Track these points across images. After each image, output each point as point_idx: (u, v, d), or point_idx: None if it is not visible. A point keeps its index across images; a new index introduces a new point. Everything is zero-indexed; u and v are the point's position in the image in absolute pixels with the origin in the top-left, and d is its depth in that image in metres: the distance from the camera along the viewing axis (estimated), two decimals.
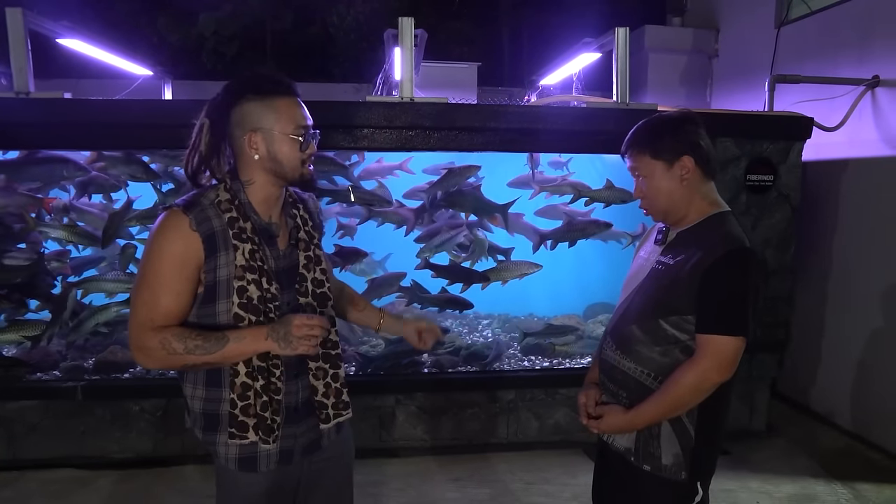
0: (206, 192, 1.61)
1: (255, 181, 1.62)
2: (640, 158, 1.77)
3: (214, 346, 1.52)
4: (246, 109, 1.58)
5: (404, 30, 3.48)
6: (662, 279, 1.74)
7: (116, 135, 3.43)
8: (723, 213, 1.78)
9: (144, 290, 1.54)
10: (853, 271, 4.18)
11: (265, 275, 1.60)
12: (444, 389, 3.90)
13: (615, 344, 1.83)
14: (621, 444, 1.81)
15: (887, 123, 4.00)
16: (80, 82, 5.98)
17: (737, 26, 5.90)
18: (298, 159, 1.62)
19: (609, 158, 4.65)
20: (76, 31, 4.17)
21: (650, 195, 1.78)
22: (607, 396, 1.86)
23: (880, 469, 3.68)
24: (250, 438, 1.59)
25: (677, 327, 1.70)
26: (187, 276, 1.55)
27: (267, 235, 1.65)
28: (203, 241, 1.54)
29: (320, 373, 1.71)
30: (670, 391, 1.67)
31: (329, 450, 1.78)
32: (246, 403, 1.58)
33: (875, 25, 4.10)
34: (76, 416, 3.63)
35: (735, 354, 1.64)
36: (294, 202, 1.77)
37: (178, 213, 1.55)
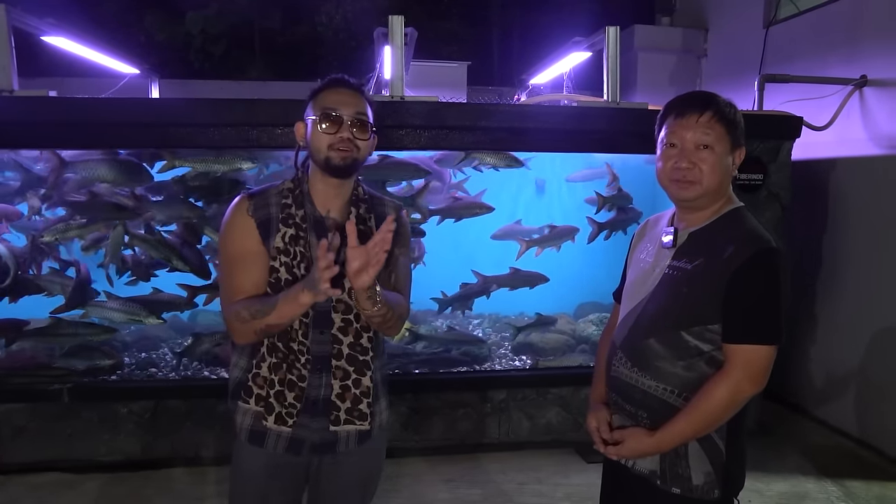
0: (281, 183, 1.74)
1: (312, 172, 1.72)
2: (714, 126, 1.56)
3: (269, 308, 1.57)
4: (307, 108, 1.72)
5: (394, 28, 3.46)
6: (680, 286, 1.59)
7: (103, 134, 3.38)
8: (738, 208, 1.64)
9: (223, 274, 1.71)
10: (842, 269, 4.21)
11: (304, 261, 1.65)
12: (434, 389, 3.88)
13: (630, 360, 1.67)
14: (644, 468, 1.66)
15: (875, 123, 4.03)
16: (65, 81, 5.91)
17: (725, 26, 5.93)
18: (322, 140, 1.63)
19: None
20: (61, 28, 4.12)
21: (706, 170, 1.56)
22: (623, 418, 1.71)
23: (870, 466, 3.70)
24: (252, 406, 1.67)
25: (700, 338, 1.57)
26: (251, 253, 1.65)
27: (319, 226, 1.68)
28: (257, 225, 1.66)
29: (339, 372, 1.68)
30: (701, 407, 1.53)
31: (345, 458, 1.75)
32: (257, 372, 1.67)
33: (862, 26, 4.13)
34: (63, 419, 3.58)
35: (768, 364, 1.53)
36: (358, 199, 1.75)
37: (243, 198, 1.70)
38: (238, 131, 3.34)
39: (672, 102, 1.66)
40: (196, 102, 3.47)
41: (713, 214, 1.63)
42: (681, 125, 1.59)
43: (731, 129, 1.58)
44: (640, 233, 1.88)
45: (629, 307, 1.73)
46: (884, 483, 3.49)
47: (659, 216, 1.82)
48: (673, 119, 1.62)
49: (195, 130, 3.36)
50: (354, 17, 7.68)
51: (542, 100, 4.73)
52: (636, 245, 1.85)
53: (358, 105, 1.66)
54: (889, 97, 3.93)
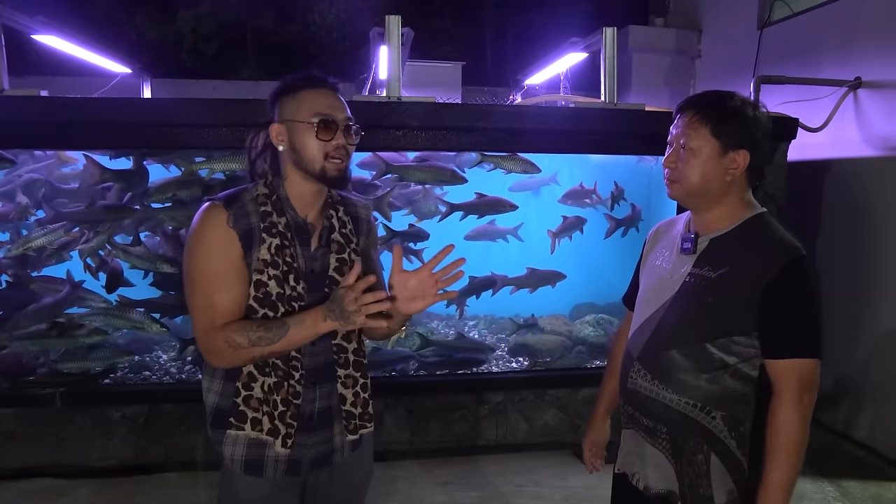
0: (250, 187, 1.62)
1: (289, 176, 1.62)
2: (696, 127, 1.54)
3: (277, 335, 1.49)
4: (279, 106, 1.61)
5: (391, 28, 3.43)
6: (704, 296, 1.54)
7: (96, 134, 3.33)
8: (760, 214, 1.59)
9: (197, 293, 1.54)
10: (836, 270, 4.22)
11: (292, 272, 1.58)
12: (431, 392, 3.85)
13: (649, 372, 1.61)
14: (660, 487, 1.62)
15: (869, 124, 4.04)
16: (55, 80, 5.84)
17: (719, 27, 5.94)
18: (318, 150, 1.56)
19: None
20: (52, 26, 4.07)
21: (685, 171, 1.55)
22: (639, 431, 1.67)
23: (865, 466, 3.71)
24: (247, 433, 1.56)
25: (726, 350, 1.52)
26: (234, 269, 1.54)
27: (302, 233, 1.61)
28: (240, 237, 1.54)
29: (349, 381, 1.64)
30: (783, 441, 1.46)
31: (340, 467, 1.71)
32: (249, 394, 1.56)
33: (857, 27, 4.15)
34: (55, 424, 3.52)
35: (818, 374, 1.50)
36: (334, 203, 1.70)
37: (218, 207, 1.55)
38: (233, 132, 3.30)
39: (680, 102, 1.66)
40: (191, 102, 3.43)
41: (733, 220, 1.58)
42: (673, 125, 1.61)
43: (723, 131, 1.52)
44: (653, 238, 1.82)
45: (645, 315, 1.68)
46: (880, 483, 3.51)
47: (672, 220, 1.77)
48: (673, 119, 1.64)
49: (189, 131, 3.32)
50: (347, 17, 7.65)
51: (539, 100, 4.72)
52: (650, 250, 1.80)
53: (344, 108, 1.62)
54: (883, 99, 3.94)
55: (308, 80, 1.61)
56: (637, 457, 1.70)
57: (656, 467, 1.63)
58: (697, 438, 1.56)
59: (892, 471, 3.64)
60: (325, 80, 1.62)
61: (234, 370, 1.57)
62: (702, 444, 1.56)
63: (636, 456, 1.70)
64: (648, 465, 1.65)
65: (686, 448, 1.57)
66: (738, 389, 1.54)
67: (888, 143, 3.90)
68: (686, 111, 1.57)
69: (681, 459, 1.58)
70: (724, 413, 1.54)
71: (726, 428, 1.55)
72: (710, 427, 1.55)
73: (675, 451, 1.59)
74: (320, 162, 1.57)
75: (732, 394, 1.54)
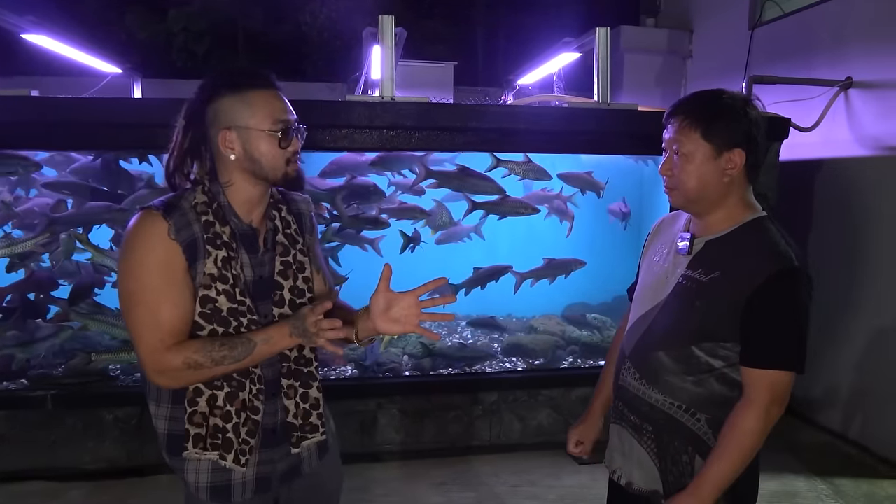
0: (186, 194, 1.49)
1: (235, 182, 1.50)
2: (687, 132, 1.51)
3: (243, 353, 1.43)
4: (220, 106, 1.47)
5: (385, 28, 3.42)
6: (694, 299, 1.52)
7: (86, 134, 3.30)
8: (759, 218, 1.55)
9: (140, 309, 1.41)
10: (827, 269, 4.24)
11: (239, 285, 1.49)
12: (425, 392, 3.85)
13: (638, 371, 1.62)
14: (644, 486, 1.62)
15: (860, 124, 4.07)
16: (45, 79, 5.79)
17: (710, 28, 5.96)
18: (280, 157, 1.48)
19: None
20: (42, 26, 4.03)
21: (682, 177, 1.53)
22: (626, 427, 1.67)
23: (858, 464, 3.74)
24: (189, 450, 1.46)
25: (712, 354, 1.51)
26: (178, 282, 1.43)
27: (249, 241, 1.54)
28: (184, 250, 1.43)
29: (291, 391, 1.57)
30: (736, 443, 1.46)
31: (310, 477, 1.66)
32: (193, 410, 1.46)
33: (847, 28, 4.17)
34: (46, 426, 3.50)
35: (790, 388, 1.48)
36: (276, 203, 1.63)
37: (156, 216, 1.42)
38: None
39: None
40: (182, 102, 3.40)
41: (731, 223, 1.55)
42: (665, 131, 1.58)
43: (714, 132, 1.49)
44: (654, 231, 1.80)
45: (639, 313, 1.67)
46: (872, 481, 3.53)
47: (675, 215, 1.74)
48: (664, 125, 1.61)
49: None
50: (339, 17, 7.63)
51: (532, 100, 4.72)
52: (650, 245, 1.77)
53: (291, 108, 1.53)
54: (874, 98, 3.97)
55: (254, 78, 1.50)
56: (621, 453, 1.70)
57: (640, 466, 1.64)
58: (682, 439, 1.56)
59: (885, 469, 3.67)
60: (272, 80, 1.52)
61: (180, 390, 1.47)
62: (686, 445, 1.56)
63: (620, 452, 1.71)
64: (633, 462, 1.66)
65: (671, 447, 1.58)
66: (724, 393, 1.53)
67: (879, 142, 3.93)
68: (675, 116, 1.55)
69: (665, 458, 1.59)
70: (709, 416, 1.54)
71: (711, 431, 1.54)
72: (695, 429, 1.55)
73: (659, 450, 1.60)
74: (282, 169, 1.50)
75: (718, 397, 1.53)
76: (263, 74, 1.51)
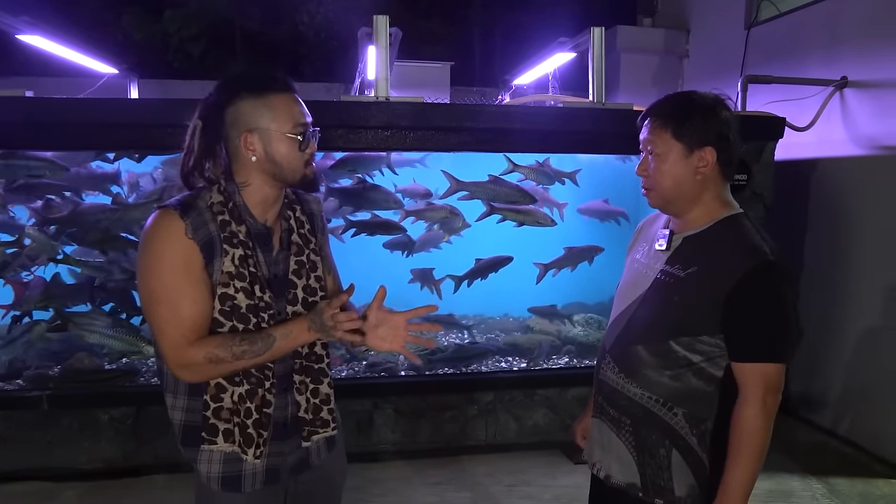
0: (202, 193, 1.53)
1: (252, 183, 1.53)
2: (658, 133, 1.56)
3: (262, 348, 1.47)
4: (240, 109, 1.50)
5: (379, 28, 3.43)
6: (672, 294, 1.56)
7: (82, 135, 3.30)
8: (735, 215, 1.59)
9: (162, 308, 1.45)
10: (823, 268, 4.25)
11: (258, 282, 1.52)
12: (421, 392, 3.85)
13: (617, 365, 1.64)
14: (622, 481, 1.63)
15: (855, 123, 4.07)
16: (41, 80, 5.79)
17: (707, 27, 5.97)
18: (299, 160, 1.53)
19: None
20: (37, 27, 4.03)
21: (656, 177, 1.58)
22: (606, 422, 1.69)
23: (852, 463, 3.74)
24: (219, 447, 1.51)
25: (689, 348, 1.53)
26: (197, 279, 1.47)
27: (263, 240, 1.57)
28: (201, 248, 1.46)
29: (302, 387, 1.62)
30: (745, 444, 1.47)
31: (318, 469, 1.69)
32: (218, 406, 1.51)
33: (843, 27, 4.18)
34: (42, 427, 3.50)
35: (782, 378, 1.50)
36: (290, 203, 1.67)
37: (173, 215, 1.46)
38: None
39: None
40: (178, 103, 3.40)
41: (708, 220, 1.58)
42: (640, 133, 1.63)
43: (684, 132, 1.53)
44: (638, 230, 1.85)
45: (620, 308, 1.70)
46: (867, 480, 3.53)
47: (658, 215, 1.78)
48: (639, 128, 1.65)
49: (177, 131, 3.29)
50: (336, 17, 7.62)
51: (528, 100, 4.73)
52: (634, 243, 1.82)
53: (308, 111, 1.57)
54: (869, 98, 3.97)
55: (272, 82, 1.53)
56: (600, 446, 1.72)
57: (619, 459, 1.65)
58: (659, 433, 1.58)
59: (880, 468, 3.67)
60: (290, 83, 1.55)
61: (198, 384, 1.51)
62: (664, 439, 1.58)
63: (600, 445, 1.73)
64: (612, 456, 1.67)
65: (649, 441, 1.59)
66: (701, 388, 1.55)
67: (874, 142, 3.94)
68: (648, 117, 1.60)
69: (643, 452, 1.60)
70: (686, 410, 1.56)
71: (688, 425, 1.56)
72: (672, 423, 1.57)
73: (637, 444, 1.61)
74: (301, 171, 1.55)
75: (695, 392, 1.55)
76: (283, 78, 1.55)
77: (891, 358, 3.76)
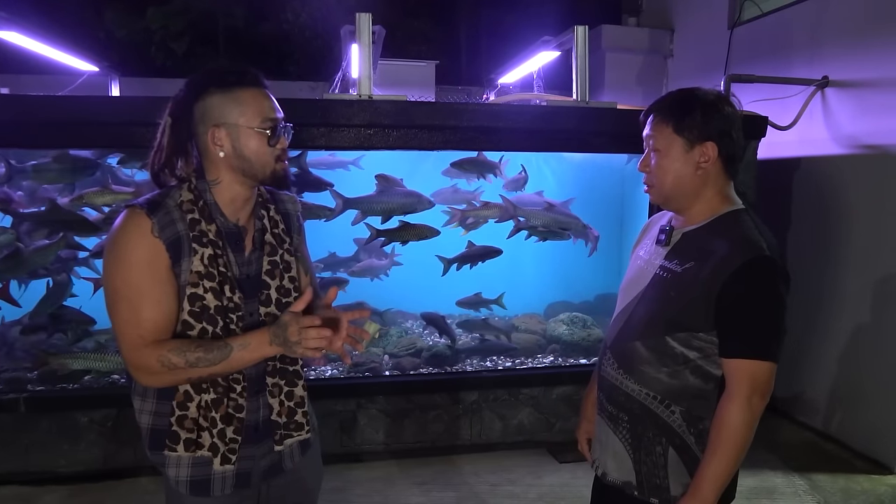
0: (171, 191, 1.50)
1: (222, 180, 1.51)
2: (659, 128, 1.57)
3: (218, 357, 1.42)
4: (208, 104, 1.47)
5: (362, 26, 3.41)
6: (668, 290, 1.55)
7: (62, 133, 3.25)
8: (735, 211, 1.57)
9: (122, 306, 1.43)
10: (805, 266, 4.28)
11: (227, 282, 1.50)
12: (405, 392, 3.84)
13: (616, 361, 1.64)
14: (618, 478, 1.62)
15: (837, 122, 4.10)
16: (20, 78, 5.72)
17: (691, 27, 5.99)
18: (269, 155, 1.50)
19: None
20: (15, 23, 3.96)
21: (658, 173, 1.58)
22: (604, 417, 1.68)
23: (834, 460, 3.77)
24: (178, 453, 1.48)
25: (686, 345, 1.52)
26: (161, 280, 1.44)
27: (234, 239, 1.54)
28: (167, 247, 1.43)
29: (276, 390, 1.59)
30: (724, 439, 1.45)
31: (292, 473, 1.67)
32: (183, 414, 1.48)
33: (824, 28, 4.21)
34: (19, 430, 3.44)
35: (771, 378, 1.47)
36: (264, 202, 1.64)
37: (140, 214, 1.43)
38: None
39: None
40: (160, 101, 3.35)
41: (710, 215, 1.57)
42: (643, 130, 1.63)
43: (685, 126, 1.53)
44: (644, 228, 1.84)
45: (622, 305, 1.70)
46: (848, 475, 3.56)
47: (664, 213, 1.77)
48: (642, 125, 1.65)
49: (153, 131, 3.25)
50: (321, 15, 7.57)
51: (512, 99, 4.72)
52: (638, 241, 1.81)
53: (279, 107, 1.55)
54: (850, 97, 4.00)
55: (241, 76, 1.50)
56: (599, 443, 1.72)
57: (614, 456, 1.64)
58: (656, 430, 1.57)
59: (861, 464, 3.71)
60: (260, 78, 1.53)
61: (163, 389, 1.49)
62: (660, 437, 1.57)
63: (599, 442, 1.73)
64: (609, 453, 1.67)
65: (645, 438, 1.58)
66: (699, 386, 1.53)
67: (855, 140, 3.96)
68: (651, 113, 1.61)
69: (639, 449, 1.59)
70: (683, 408, 1.55)
71: (685, 423, 1.55)
72: (669, 421, 1.56)
73: (634, 441, 1.60)
74: (271, 166, 1.52)
75: (692, 390, 1.54)
76: (252, 72, 1.52)
77: (873, 355, 3.79)
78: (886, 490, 3.40)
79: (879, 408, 3.72)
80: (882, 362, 3.72)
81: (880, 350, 3.74)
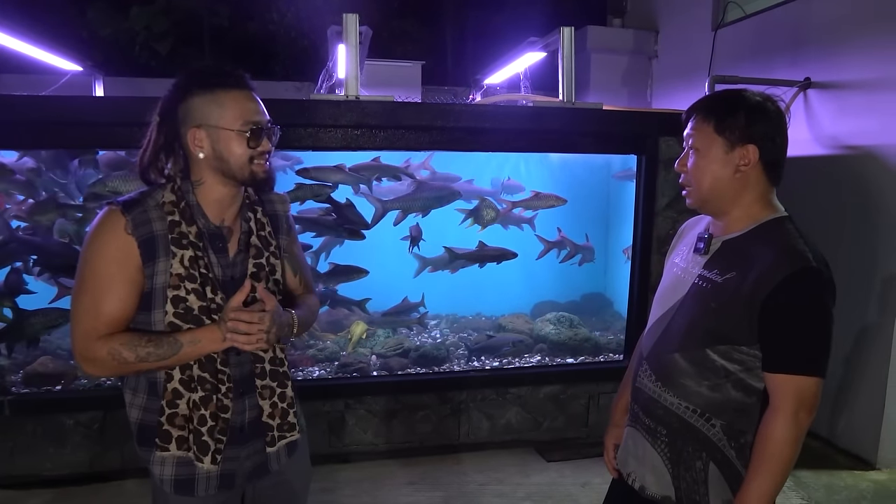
0: (154, 191, 1.52)
1: (205, 181, 1.52)
2: (700, 127, 1.51)
3: (168, 352, 1.44)
4: (191, 105, 1.49)
5: (348, 26, 3.40)
6: (709, 300, 1.48)
7: (44, 133, 3.22)
8: (779, 218, 1.51)
9: (85, 296, 1.45)
10: None
11: (209, 283, 1.50)
12: (393, 392, 3.84)
13: (654, 373, 1.58)
14: (656, 492, 1.57)
15: (818, 123, 4.16)
16: (1, 77, 5.66)
17: (675, 28, 6.04)
18: (247, 157, 1.50)
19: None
20: None
21: (696, 173, 1.52)
22: (641, 430, 1.63)
23: (818, 456, 3.82)
24: (171, 451, 1.50)
25: (727, 357, 1.46)
26: (128, 279, 1.46)
27: (217, 241, 1.54)
28: (139, 245, 1.45)
29: (266, 391, 1.59)
30: (770, 454, 1.40)
31: (278, 475, 1.67)
32: (173, 412, 1.50)
33: (806, 30, 4.26)
34: (4, 433, 3.40)
35: (818, 393, 1.41)
36: (251, 204, 1.64)
37: (115, 212, 1.46)
38: None
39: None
40: (144, 101, 3.34)
41: (750, 222, 1.51)
42: (685, 129, 1.59)
43: (726, 126, 1.48)
44: (679, 234, 1.79)
45: (658, 314, 1.65)
46: (832, 472, 3.61)
47: (700, 218, 1.73)
48: (684, 125, 1.60)
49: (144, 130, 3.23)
50: (307, 15, 7.54)
51: (499, 99, 4.73)
52: (674, 247, 1.77)
53: (264, 109, 1.55)
54: (832, 99, 4.06)
55: (224, 77, 1.50)
56: (635, 457, 1.67)
57: (654, 471, 1.60)
58: (696, 445, 1.53)
59: (844, 460, 3.76)
60: (245, 80, 1.53)
61: (157, 385, 1.51)
62: (700, 451, 1.52)
63: (633, 455, 1.67)
64: (647, 467, 1.62)
65: (685, 453, 1.54)
66: (740, 400, 1.48)
67: (836, 141, 4.02)
68: (693, 111, 1.56)
69: (679, 464, 1.55)
70: (724, 422, 1.50)
71: (726, 437, 1.51)
72: (710, 435, 1.52)
73: (673, 455, 1.56)
74: (248, 167, 1.51)
75: (733, 403, 1.49)
76: (236, 74, 1.52)
77: (856, 354, 3.84)
78: (868, 485, 3.46)
79: (862, 405, 3.77)
80: (864, 361, 3.77)
81: (863, 349, 3.79)
